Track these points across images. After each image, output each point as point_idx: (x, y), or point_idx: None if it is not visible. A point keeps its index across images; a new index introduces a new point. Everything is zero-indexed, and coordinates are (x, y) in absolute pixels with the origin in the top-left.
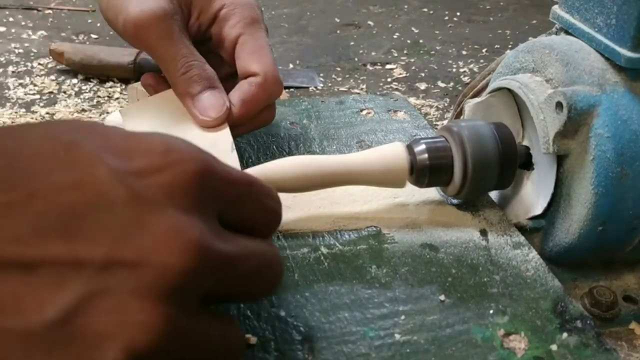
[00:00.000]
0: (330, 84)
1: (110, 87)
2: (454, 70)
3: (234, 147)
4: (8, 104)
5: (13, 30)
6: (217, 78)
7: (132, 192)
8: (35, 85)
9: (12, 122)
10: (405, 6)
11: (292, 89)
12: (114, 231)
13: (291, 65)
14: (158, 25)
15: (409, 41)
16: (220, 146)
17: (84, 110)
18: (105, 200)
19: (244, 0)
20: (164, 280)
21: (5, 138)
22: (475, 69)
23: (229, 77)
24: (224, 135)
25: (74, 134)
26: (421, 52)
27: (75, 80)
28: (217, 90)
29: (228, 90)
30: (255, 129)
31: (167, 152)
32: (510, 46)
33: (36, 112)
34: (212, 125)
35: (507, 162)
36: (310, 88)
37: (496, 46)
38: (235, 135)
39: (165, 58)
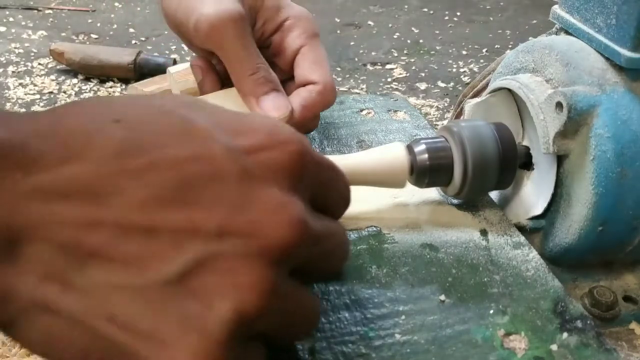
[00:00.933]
0: None
1: (110, 87)
2: (454, 70)
3: None
4: (8, 104)
5: (13, 30)
6: (279, 82)
7: (242, 168)
8: (35, 85)
9: None
10: (405, 6)
11: None
12: (227, 203)
13: None
14: (233, 26)
15: (409, 41)
16: None
17: None
18: (219, 174)
19: (306, 14)
20: (271, 249)
21: (121, 108)
22: (475, 69)
23: (282, 85)
24: None
25: (187, 110)
26: (421, 52)
27: (75, 80)
28: (280, 93)
29: None
30: None
31: (273, 132)
32: (510, 46)
33: None
34: None
35: (507, 162)
36: None
37: (496, 46)
38: None
39: (236, 58)
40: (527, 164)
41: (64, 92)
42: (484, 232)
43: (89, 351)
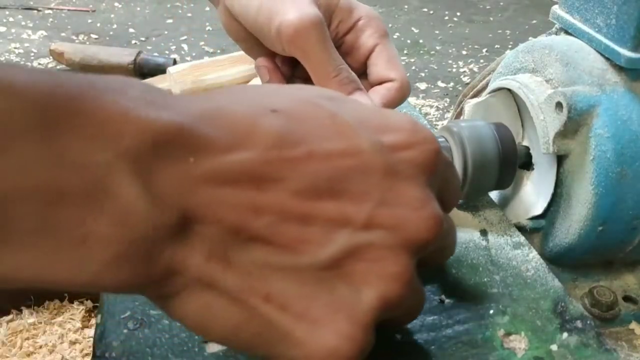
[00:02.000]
0: None
1: None
2: (454, 70)
3: None
4: None
5: (13, 31)
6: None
7: (388, 164)
8: None
9: None
10: (405, 6)
11: None
12: (374, 196)
13: None
14: (315, 31)
15: (409, 41)
16: None
17: None
18: (367, 169)
19: (376, 14)
20: (414, 242)
21: (275, 98)
22: (475, 69)
23: None
24: None
25: (333, 104)
26: (421, 52)
27: None
28: (364, 92)
29: None
30: None
31: (414, 131)
32: (510, 46)
33: None
34: None
35: (507, 163)
36: None
37: (496, 46)
38: None
39: (319, 62)
40: (527, 164)
41: None
42: (484, 232)
43: (242, 327)
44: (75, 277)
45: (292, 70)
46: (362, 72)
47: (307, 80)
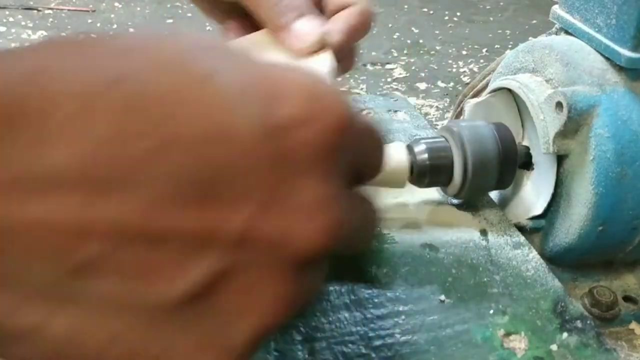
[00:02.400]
0: None
1: None
2: (454, 70)
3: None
4: None
5: (13, 30)
6: (309, 6)
7: (277, 152)
8: None
9: None
10: (405, 6)
11: None
12: (255, 199)
13: None
14: None
15: (409, 41)
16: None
17: None
18: (248, 160)
19: None
20: (300, 258)
21: (121, 59)
22: (475, 69)
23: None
24: (325, 69)
25: (207, 62)
26: (421, 52)
27: None
28: (310, 17)
29: None
30: (341, 75)
31: (311, 99)
32: (510, 46)
33: None
34: (310, 51)
35: (507, 162)
36: None
37: (496, 46)
38: None
39: None
40: (527, 164)
41: None
42: (484, 232)
43: None
44: None
45: None
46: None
47: None
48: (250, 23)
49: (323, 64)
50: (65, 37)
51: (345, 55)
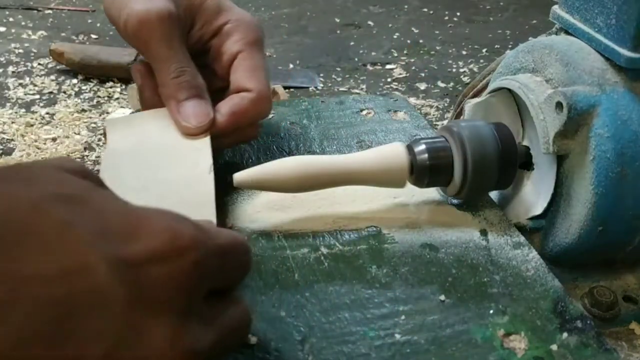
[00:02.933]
0: (330, 84)
1: (110, 87)
2: (454, 70)
3: (212, 169)
4: (8, 104)
5: (13, 31)
6: (207, 90)
7: (130, 291)
8: (35, 85)
9: (12, 122)
10: (405, 6)
11: (292, 89)
12: (107, 338)
13: (291, 65)
14: (161, 25)
15: (409, 41)
16: (200, 167)
17: (84, 110)
18: (100, 298)
19: (248, 19)
20: None
21: None
22: (475, 69)
23: (218, 92)
24: (205, 155)
25: (67, 208)
26: (421, 52)
27: (75, 81)
28: (203, 101)
29: (216, 103)
30: (237, 144)
31: (173, 238)
32: (510, 46)
33: (36, 112)
34: (193, 134)
35: (507, 162)
36: (310, 88)
37: (496, 46)
38: (217, 147)
39: (160, 58)
40: (527, 164)
41: (64, 92)
42: (484, 232)
43: None
44: None
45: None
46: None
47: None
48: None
49: (202, 144)
50: None
51: (242, 131)
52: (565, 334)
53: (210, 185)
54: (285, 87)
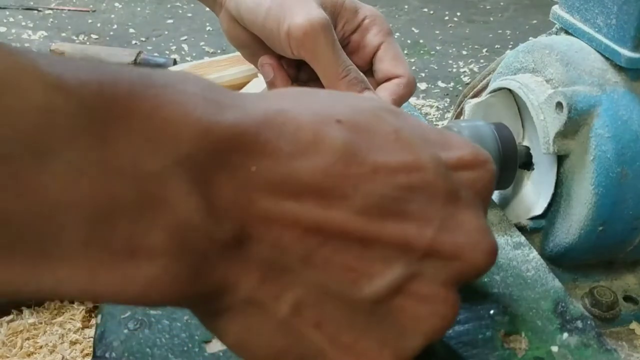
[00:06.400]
0: None
1: None
2: (454, 70)
3: None
4: None
5: (13, 31)
6: (366, 79)
7: (450, 186)
8: None
9: None
10: (405, 6)
11: None
12: (436, 221)
13: None
14: (324, 33)
15: (409, 41)
16: None
17: None
18: (429, 188)
19: (379, 13)
20: (469, 274)
21: (339, 107)
22: (476, 69)
23: None
24: None
25: (395, 118)
26: (421, 52)
27: None
28: (372, 91)
29: None
30: None
31: (476, 150)
32: (510, 46)
33: None
34: None
35: (507, 162)
36: None
37: (496, 46)
38: None
39: (328, 63)
40: (527, 164)
41: None
42: None
43: (286, 353)
44: (121, 291)
45: (296, 73)
46: (367, 70)
47: (310, 82)
48: (286, 69)
49: None
50: (286, 90)
51: None
52: (565, 334)
53: None
54: None
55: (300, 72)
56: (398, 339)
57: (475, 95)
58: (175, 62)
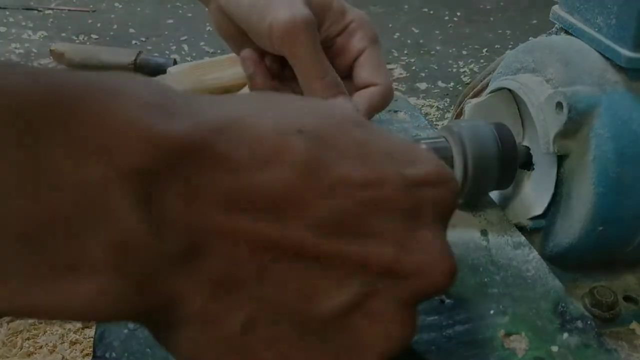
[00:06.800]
0: None
1: None
2: (454, 70)
3: None
4: None
5: (13, 31)
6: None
7: (412, 203)
8: None
9: None
10: (405, 6)
11: None
12: (397, 238)
13: None
14: (306, 31)
15: (409, 41)
16: None
17: None
18: (391, 204)
19: (367, 18)
20: (426, 293)
21: (301, 116)
22: (476, 69)
23: None
24: None
25: (362, 130)
26: (421, 52)
27: None
28: (346, 96)
29: None
30: None
31: (440, 167)
32: (510, 46)
33: None
34: None
35: (507, 162)
36: None
37: (496, 46)
38: None
39: (307, 62)
40: (527, 164)
41: None
42: (484, 232)
43: None
44: (65, 307)
45: (280, 69)
46: (346, 74)
47: (293, 80)
48: (262, 53)
49: None
50: (250, 94)
51: None
52: (565, 334)
53: None
54: None
55: (285, 69)
56: (355, 356)
57: (475, 95)
58: (175, 62)
